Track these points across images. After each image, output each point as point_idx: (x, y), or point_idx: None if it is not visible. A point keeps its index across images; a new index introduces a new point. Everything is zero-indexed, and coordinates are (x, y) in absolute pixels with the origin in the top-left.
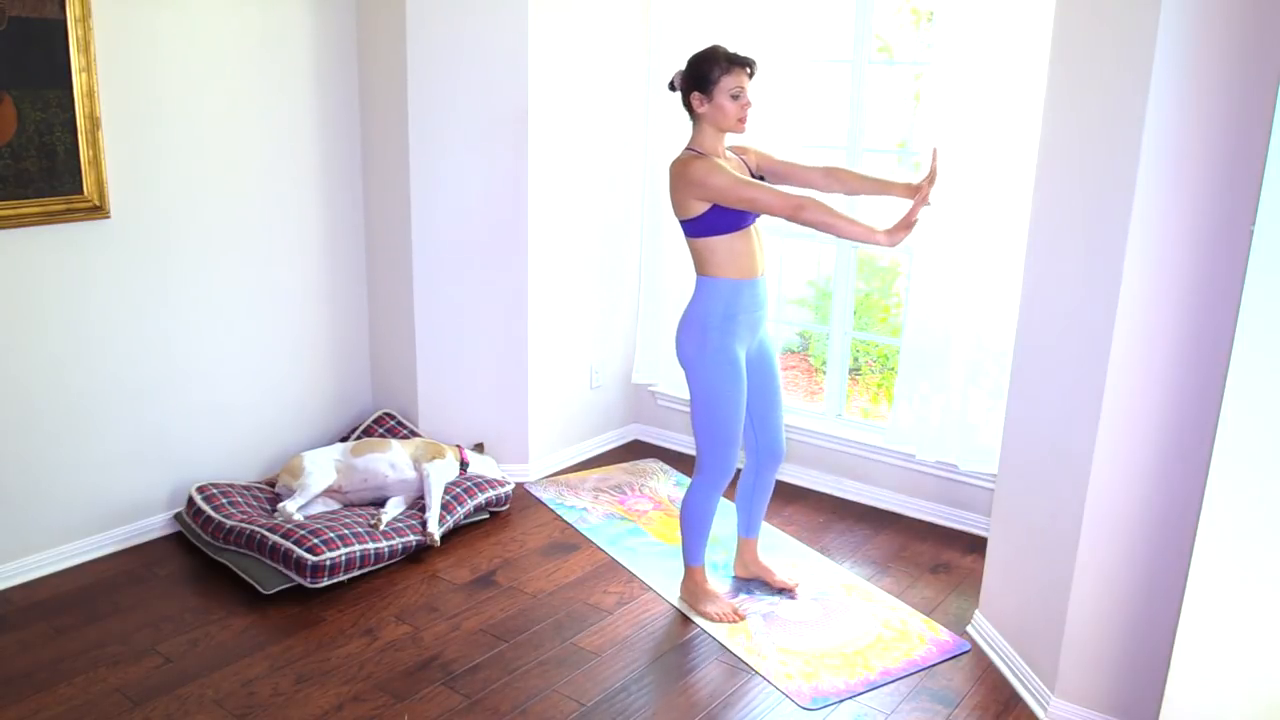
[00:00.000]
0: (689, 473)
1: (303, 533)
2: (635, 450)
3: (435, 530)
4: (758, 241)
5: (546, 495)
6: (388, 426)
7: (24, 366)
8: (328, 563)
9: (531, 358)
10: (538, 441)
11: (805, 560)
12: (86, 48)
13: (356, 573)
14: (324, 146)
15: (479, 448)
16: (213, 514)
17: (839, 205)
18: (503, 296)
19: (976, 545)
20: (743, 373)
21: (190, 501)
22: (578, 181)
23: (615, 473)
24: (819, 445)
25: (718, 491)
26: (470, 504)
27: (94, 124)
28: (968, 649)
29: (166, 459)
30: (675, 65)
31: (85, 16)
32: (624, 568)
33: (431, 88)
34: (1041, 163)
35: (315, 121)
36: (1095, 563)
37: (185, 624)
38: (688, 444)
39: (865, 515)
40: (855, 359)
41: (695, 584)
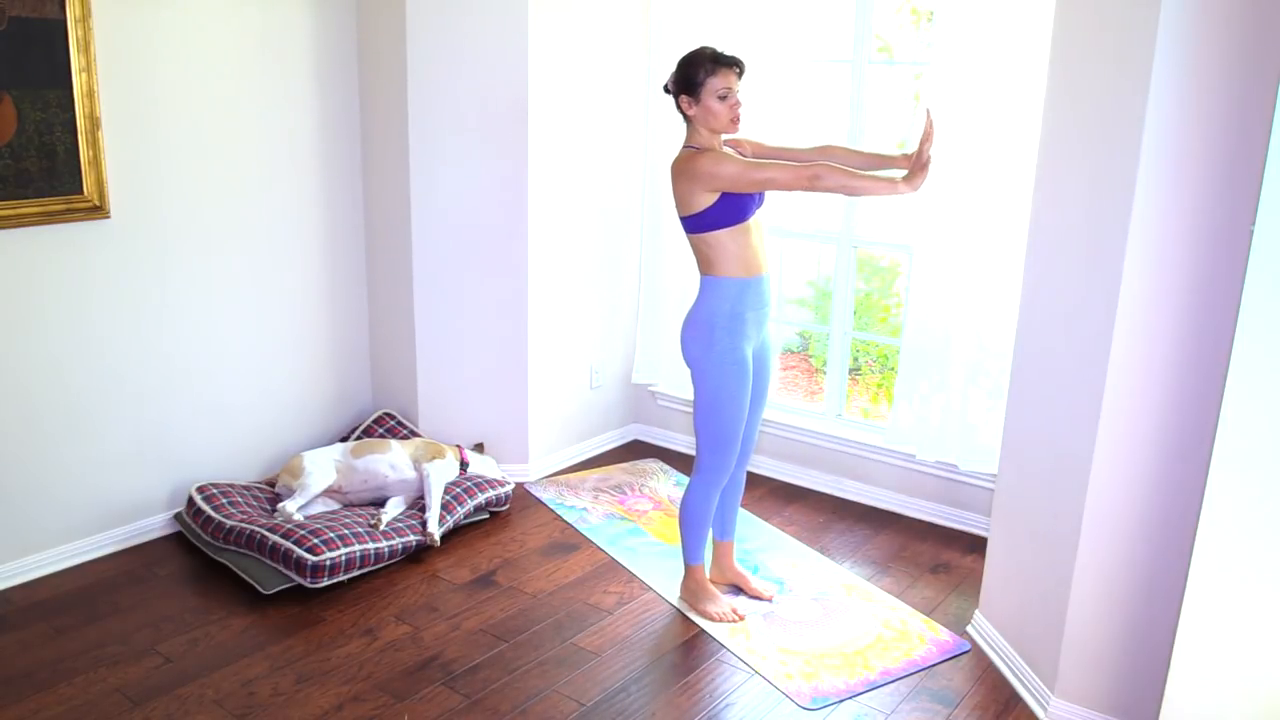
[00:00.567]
0: (689, 472)
1: (303, 533)
2: (635, 450)
3: (435, 530)
4: (759, 238)
5: (546, 495)
6: (388, 426)
7: (24, 366)
8: (328, 563)
9: (531, 358)
10: (538, 441)
11: (805, 560)
12: (86, 48)
13: (356, 573)
14: (324, 146)
15: (479, 448)
16: (213, 514)
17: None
18: (503, 296)
19: (976, 545)
20: (749, 373)
21: (190, 501)
22: (578, 181)
23: (615, 473)
24: (819, 445)
25: (717, 490)
26: (470, 504)
27: (94, 124)
28: (968, 649)
29: (166, 459)
30: (675, 65)
31: (85, 16)
32: (624, 568)
33: (431, 88)
34: (1041, 163)
35: (315, 121)
36: (1095, 563)
37: (185, 624)
38: (688, 444)
39: (865, 515)
40: (855, 359)
41: (696, 583)
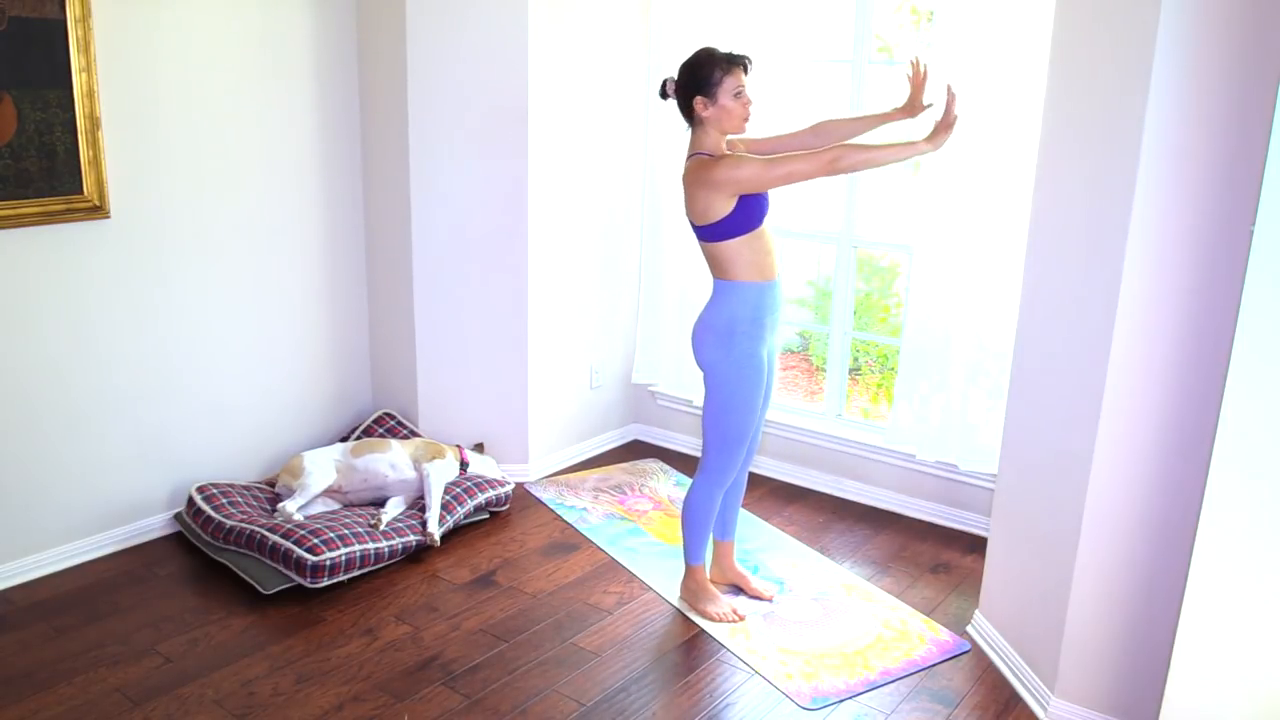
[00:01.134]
0: (689, 473)
1: (303, 533)
2: (635, 450)
3: (435, 530)
4: (772, 242)
5: (546, 495)
6: (388, 426)
7: (24, 366)
8: (328, 563)
9: (531, 358)
10: (538, 441)
11: (805, 560)
12: (86, 48)
13: (356, 573)
14: (324, 147)
15: (479, 448)
16: (213, 514)
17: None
18: (503, 296)
19: (976, 545)
20: (764, 376)
21: (190, 501)
22: (578, 181)
23: (615, 473)
24: (819, 445)
25: (721, 490)
26: (470, 504)
27: (94, 124)
28: (968, 649)
29: (166, 459)
30: (675, 65)
31: (85, 16)
32: (624, 568)
33: (431, 88)
34: (1041, 162)
35: (315, 121)
36: (1095, 563)
37: (185, 624)
38: (687, 444)
39: (865, 515)
40: (855, 359)
41: (696, 583)
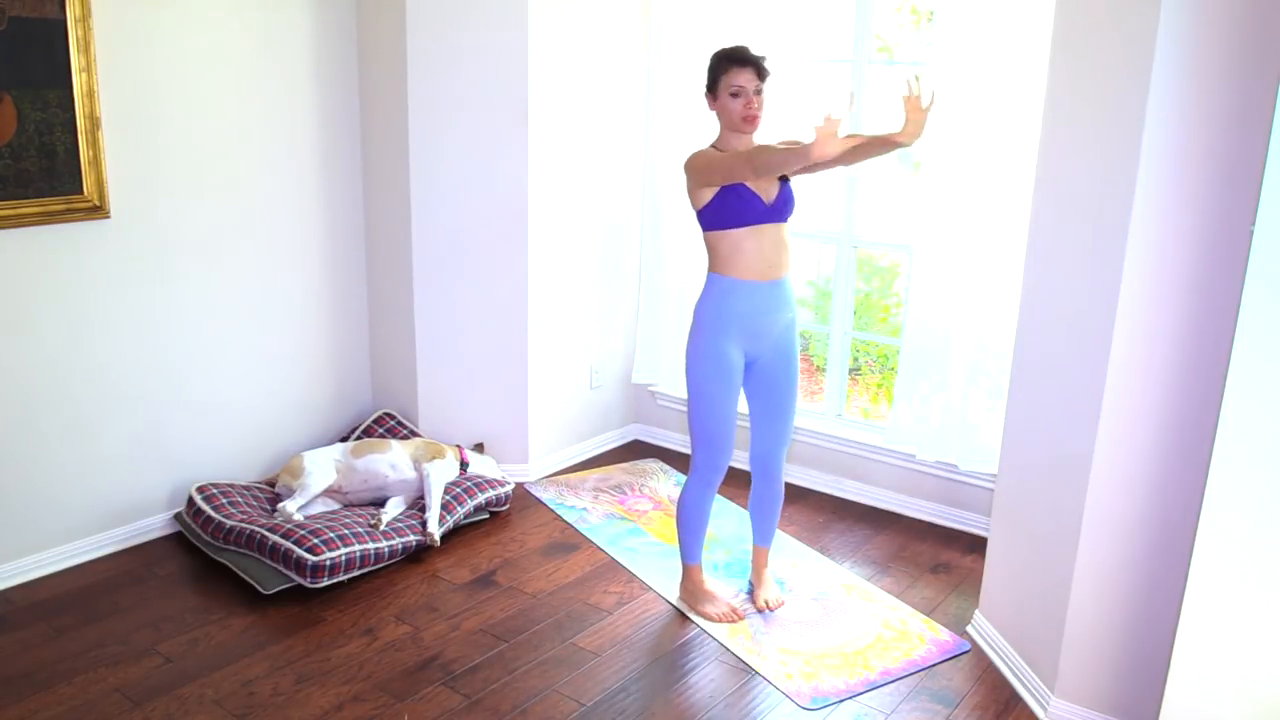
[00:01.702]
0: (688, 473)
1: (303, 533)
2: (635, 450)
3: (435, 530)
4: (771, 245)
5: (546, 495)
6: (388, 426)
7: (24, 366)
8: (328, 563)
9: (531, 358)
10: (538, 441)
11: (805, 560)
12: (86, 48)
13: (356, 573)
14: (324, 146)
15: (479, 448)
16: (213, 514)
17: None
18: (503, 296)
19: (976, 545)
20: (733, 374)
21: (190, 501)
22: (578, 181)
23: (615, 473)
24: (819, 445)
25: (709, 489)
26: (470, 504)
27: (94, 124)
28: (968, 649)
29: (166, 459)
30: (675, 65)
31: (85, 16)
32: (624, 568)
33: (431, 88)
34: (1041, 163)
35: (315, 121)
36: (1095, 563)
37: (185, 624)
38: (687, 444)
39: (865, 515)
40: (855, 359)
41: (693, 583)
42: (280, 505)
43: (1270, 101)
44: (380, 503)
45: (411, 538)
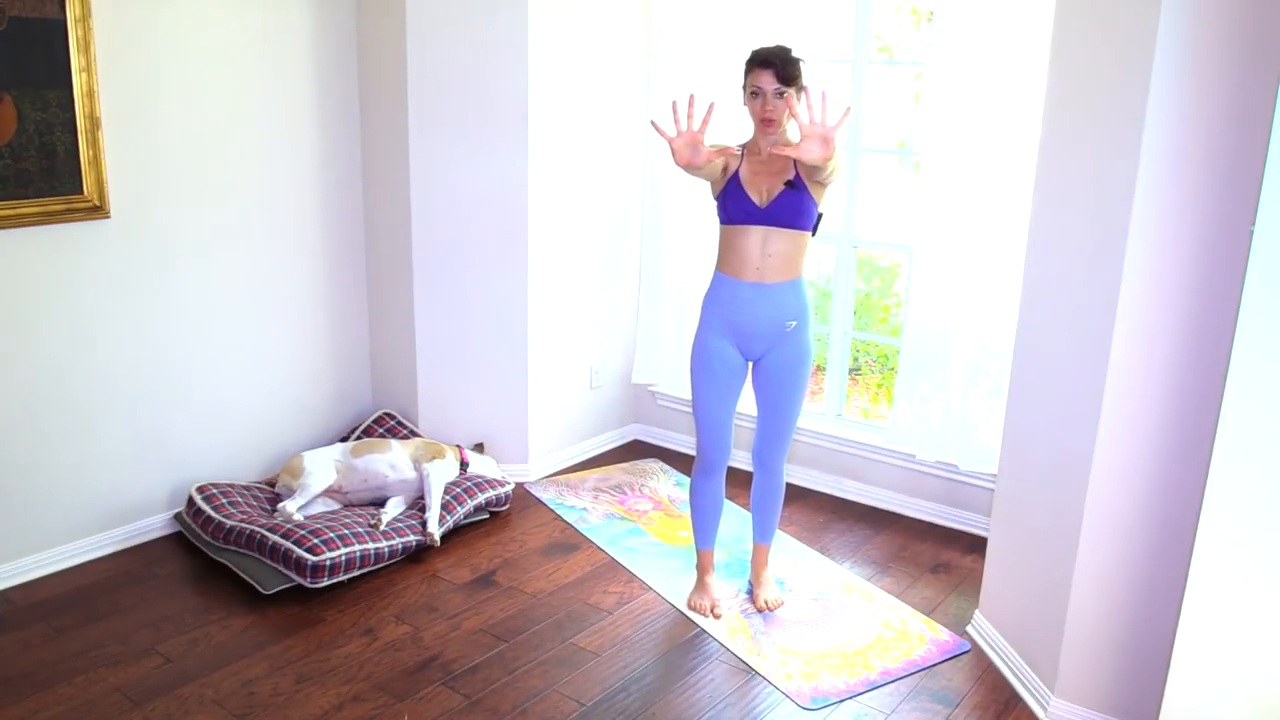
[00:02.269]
0: (688, 472)
1: (303, 533)
2: (635, 450)
3: (435, 530)
4: (762, 247)
5: (546, 495)
6: (388, 426)
7: (24, 367)
8: (328, 563)
9: (531, 358)
10: (538, 441)
11: (805, 560)
12: (86, 48)
13: (356, 573)
14: (324, 146)
15: (479, 448)
16: (213, 514)
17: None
18: (503, 296)
19: (976, 545)
20: (718, 365)
21: (190, 501)
22: (578, 181)
23: (615, 473)
24: (819, 445)
25: (705, 477)
26: (470, 504)
27: (94, 124)
28: (968, 649)
29: (166, 459)
30: (675, 66)
31: (85, 16)
32: (624, 568)
33: (432, 87)
34: (1041, 163)
35: (315, 121)
36: (1095, 563)
37: (185, 624)
38: (687, 444)
39: (865, 515)
40: (855, 359)
41: (697, 569)
42: (280, 505)
43: (1270, 101)
44: (380, 503)
45: (411, 538)
